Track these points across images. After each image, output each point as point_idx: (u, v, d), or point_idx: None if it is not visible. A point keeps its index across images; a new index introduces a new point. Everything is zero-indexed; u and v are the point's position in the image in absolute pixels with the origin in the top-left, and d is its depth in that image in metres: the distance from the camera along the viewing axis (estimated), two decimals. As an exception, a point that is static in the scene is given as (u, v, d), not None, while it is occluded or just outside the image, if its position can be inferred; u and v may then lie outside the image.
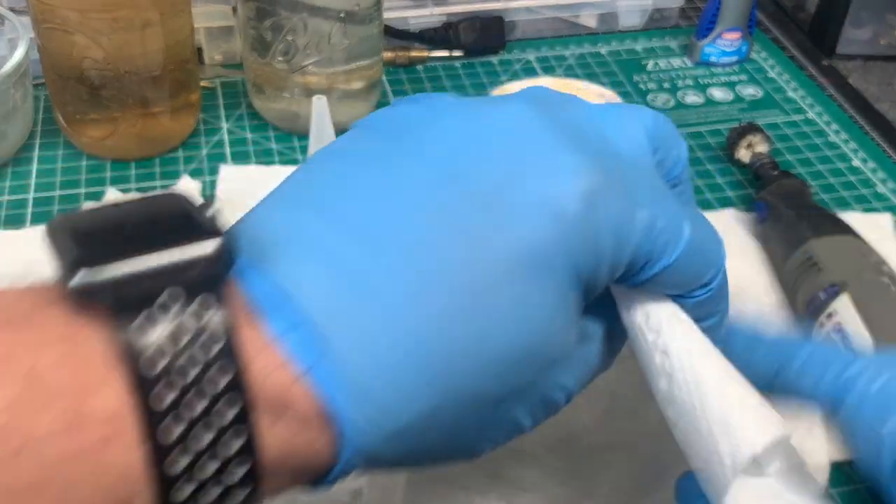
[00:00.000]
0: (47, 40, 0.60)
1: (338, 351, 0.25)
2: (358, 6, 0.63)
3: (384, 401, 0.25)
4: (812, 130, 0.73)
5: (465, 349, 0.26)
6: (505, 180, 0.27)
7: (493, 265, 0.26)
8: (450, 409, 0.27)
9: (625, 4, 0.83)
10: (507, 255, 0.26)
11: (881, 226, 0.63)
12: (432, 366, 0.26)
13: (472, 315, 0.26)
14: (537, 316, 0.27)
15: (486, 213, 0.27)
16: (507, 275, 0.26)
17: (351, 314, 0.25)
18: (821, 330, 0.50)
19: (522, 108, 0.29)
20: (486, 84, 0.76)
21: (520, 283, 0.27)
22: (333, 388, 0.25)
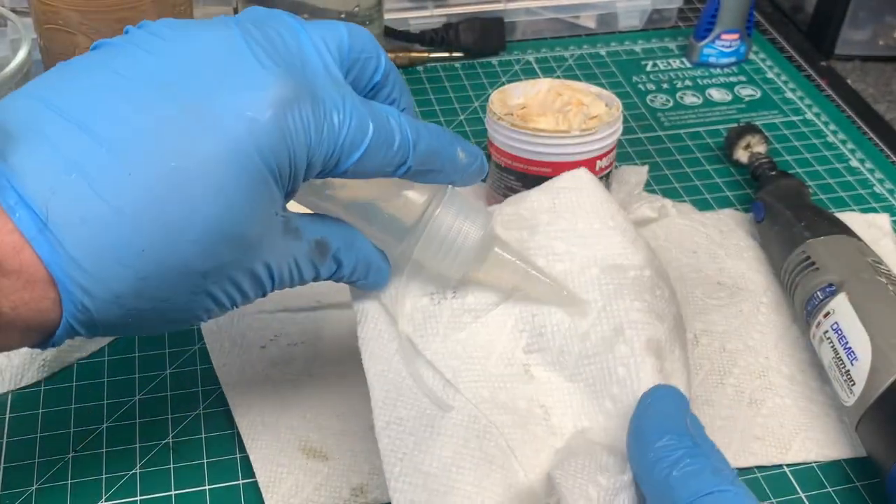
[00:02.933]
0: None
1: (55, 226, 0.31)
2: (358, 7, 0.63)
3: (97, 270, 0.31)
4: (810, 131, 0.73)
5: (171, 227, 0.32)
6: (210, 90, 0.33)
7: (196, 159, 0.32)
8: (159, 279, 0.32)
9: (624, 5, 0.83)
10: (208, 151, 0.32)
11: (879, 226, 0.63)
12: (141, 241, 0.31)
13: (177, 199, 0.32)
14: (235, 204, 0.33)
15: (192, 116, 0.32)
16: (209, 167, 0.32)
17: (68, 196, 0.31)
18: (818, 329, 0.51)
19: (229, 30, 0.34)
20: (487, 85, 0.76)
21: (219, 175, 0.32)
22: (52, 256, 0.31)
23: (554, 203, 0.43)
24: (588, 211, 0.42)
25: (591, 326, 0.40)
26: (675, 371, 0.40)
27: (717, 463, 0.34)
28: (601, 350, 0.39)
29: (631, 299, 0.40)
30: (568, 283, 0.41)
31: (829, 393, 0.52)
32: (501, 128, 0.57)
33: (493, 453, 0.37)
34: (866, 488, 0.47)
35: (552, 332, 0.40)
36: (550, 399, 0.39)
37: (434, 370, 0.39)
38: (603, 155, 0.57)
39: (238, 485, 0.46)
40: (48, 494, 0.45)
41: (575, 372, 0.39)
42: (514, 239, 0.42)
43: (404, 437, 0.37)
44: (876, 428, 0.46)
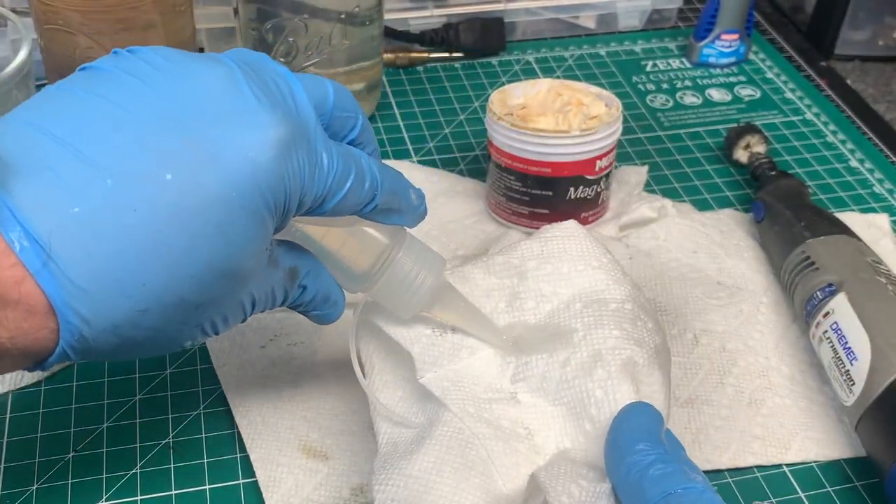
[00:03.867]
0: (50, 41, 0.60)
1: (59, 259, 0.31)
2: (358, 7, 0.63)
3: (99, 303, 0.32)
4: (810, 131, 0.73)
5: (173, 262, 0.32)
6: (212, 128, 0.33)
7: (199, 196, 0.32)
8: (156, 311, 0.33)
9: (624, 6, 0.84)
10: (210, 188, 0.32)
11: (878, 226, 0.63)
12: (143, 275, 0.32)
13: (179, 235, 0.32)
14: (234, 241, 0.34)
15: (195, 153, 0.32)
16: (211, 204, 0.33)
17: (73, 230, 0.31)
18: (817, 329, 0.51)
19: (229, 69, 0.35)
20: (487, 85, 0.76)
21: (221, 212, 0.33)
22: (55, 289, 0.31)
23: (542, 250, 0.46)
24: (574, 255, 0.45)
25: (570, 354, 0.42)
26: (653, 394, 0.41)
27: (689, 469, 0.35)
28: (580, 375, 0.41)
29: (610, 328, 0.43)
30: (554, 320, 0.44)
31: (828, 393, 0.52)
32: (501, 128, 0.57)
33: (474, 461, 0.39)
34: (866, 488, 0.47)
35: (535, 360, 0.43)
36: (535, 422, 0.42)
37: (430, 402, 0.42)
38: (603, 155, 0.57)
39: (238, 485, 0.46)
40: (48, 494, 0.45)
41: (556, 397, 0.42)
42: (506, 286, 0.45)
43: (396, 453, 0.40)
44: (875, 428, 0.46)
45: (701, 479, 0.35)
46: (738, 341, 0.54)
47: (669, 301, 0.56)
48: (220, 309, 0.36)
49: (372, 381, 0.43)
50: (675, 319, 0.55)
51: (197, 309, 0.34)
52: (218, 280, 0.34)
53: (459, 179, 0.66)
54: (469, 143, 0.70)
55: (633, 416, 0.38)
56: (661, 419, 0.38)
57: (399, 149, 0.69)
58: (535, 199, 0.58)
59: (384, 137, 0.70)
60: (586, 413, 0.40)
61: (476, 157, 0.69)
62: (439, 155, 0.69)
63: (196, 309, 0.34)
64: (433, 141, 0.70)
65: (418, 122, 0.72)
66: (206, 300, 0.34)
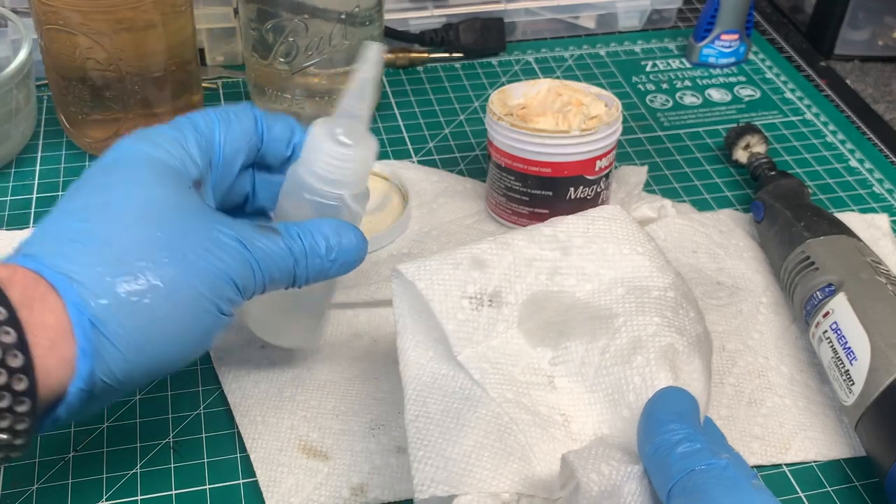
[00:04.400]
0: (50, 41, 0.60)
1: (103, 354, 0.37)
2: (358, 8, 0.63)
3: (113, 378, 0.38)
4: (809, 131, 0.74)
5: (164, 352, 0.39)
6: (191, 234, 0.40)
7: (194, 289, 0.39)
8: (146, 372, 0.39)
9: (623, 6, 0.84)
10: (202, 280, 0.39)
11: (878, 226, 0.63)
12: (147, 356, 0.38)
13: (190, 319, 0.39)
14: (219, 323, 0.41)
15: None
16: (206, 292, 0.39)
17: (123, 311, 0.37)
18: (817, 329, 0.51)
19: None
20: (487, 85, 0.76)
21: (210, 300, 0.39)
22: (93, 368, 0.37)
23: (588, 228, 0.45)
24: (619, 237, 0.45)
25: (610, 340, 0.42)
26: (692, 382, 0.41)
27: (718, 446, 0.35)
28: (618, 362, 0.41)
29: (651, 315, 0.42)
30: (595, 302, 0.43)
31: (828, 393, 0.52)
32: (501, 128, 0.57)
33: (513, 446, 0.39)
34: (865, 488, 0.48)
35: (575, 345, 0.43)
36: (571, 408, 0.42)
37: (465, 371, 0.42)
38: (603, 155, 0.58)
39: (238, 484, 0.46)
40: (49, 494, 0.45)
41: (595, 383, 0.42)
42: (548, 258, 0.44)
43: (431, 427, 0.40)
44: (875, 427, 0.46)
45: (728, 457, 0.35)
46: (738, 341, 0.54)
47: (669, 301, 0.56)
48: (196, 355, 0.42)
49: (403, 339, 0.43)
50: (674, 319, 0.55)
51: (180, 363, 0.41)
52: (205, 345, 0.41)
53: (459, 179, 0.66)
54: (469, 143, 0.70)
55: (666, 398, 0.38)
56: (695, 403, 0.38)
57: (399, 149, 0.69)
58: (535, 199, 0.59)
59: (384, 137, 0.70)
60: (624, 399, 0.40)
61: (476, 157, 0.69)
62: (439, 155, 0.69)
63: (179, 363, 0.41)
64: (433, 141, 0.70)
65: (418, 122, 0.72)
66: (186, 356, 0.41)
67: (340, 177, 0.44)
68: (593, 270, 0.44)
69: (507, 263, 0.44)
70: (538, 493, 0.39)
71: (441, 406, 0.41)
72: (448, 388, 0.42)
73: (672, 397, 0.38)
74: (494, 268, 0.43)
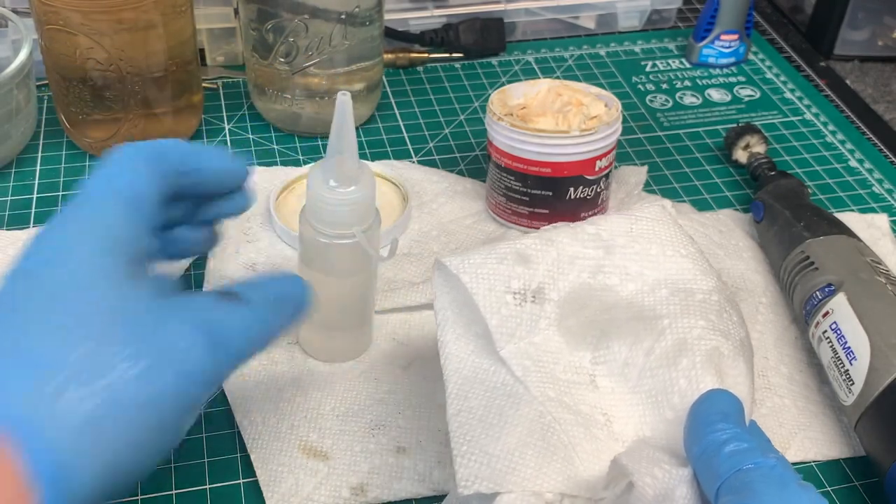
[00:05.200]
0: (50, 42, 0.60)
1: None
2: (358, 8, 0.63)
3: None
4: (809, 131, 0.74)
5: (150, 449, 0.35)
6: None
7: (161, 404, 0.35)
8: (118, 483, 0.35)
9: (623, 6, 0.84)
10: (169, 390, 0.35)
11: (877, 226, 0.63)
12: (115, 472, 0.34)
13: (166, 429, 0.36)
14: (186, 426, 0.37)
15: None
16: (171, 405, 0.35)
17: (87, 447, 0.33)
18: (817, 329, 0.51)
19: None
20: (487, 85, 0.77)
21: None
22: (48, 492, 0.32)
23: (632, 228, 0.45)
24: (663, 239, 0.45)
25: (655, 342, 0.42)
26: (737, 385, 0.41)
27: (765, 446, 0.36)
28: (664, 364, 0.41)
29: (696, 318, 0.42)
30: (638, 302, 0.43)
31: (827, 392, 0.52)
32: (501, 128, 0.57)
33: (556, 446, 0.39)
34: (865, 487, 0.48)
35: (619, 346, 0.42)
36: (613, 408, 0.41)
37: (506, 367, 0.42)
38: (602, 155, 0.58)
39: (238, 484, 0.46)
40: (49, 494, 0.45)
41: (638, 384, 0.42)
42: (591, 256, 0.44)
43: (473, 423, 0.40)
44: (875, 427, 0.46)
45: (776, 456, 0.35)
46: (738, 341, 0.54)
47: (669, 301, 0.56)
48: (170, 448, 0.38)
49: (444, 332, 0.43)
50: (674, 319, 0.55)
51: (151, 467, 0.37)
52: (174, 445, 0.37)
53: (459, 179, 0.66)
54: (469, 143, 0.70)
55: (713, 400, 0.38)
56: (740, 405, 0.38)
57: (399, 149, 0.69)
58: (535, 199, 0.59)
59: (384, 137, 0.70)
60: (668, 402, 0.40)
61: (476, 157, 0.69)
62: (439, 155, 0.69)
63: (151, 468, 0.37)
64: (433, 141, 0.70)
65: (418, 122, 0.72)
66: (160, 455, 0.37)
67: (347, 218, 0.46)
68: (637, 271, 0.44)
69: (551, 260, 0.43)
70: (581, 493, 0.39)
71: (483, 402, 0.41)
72: (490, 384, 0.41)
73: (718, 399, 0.38)
74: (538, 264, 0.43)
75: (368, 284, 0.50)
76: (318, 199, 0.46)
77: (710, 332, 0.42)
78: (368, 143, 0.69)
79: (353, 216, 0.46)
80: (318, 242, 0.47)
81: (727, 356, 0.41)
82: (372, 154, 0.68)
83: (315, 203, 0.46)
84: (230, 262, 0.58)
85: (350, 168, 0.45)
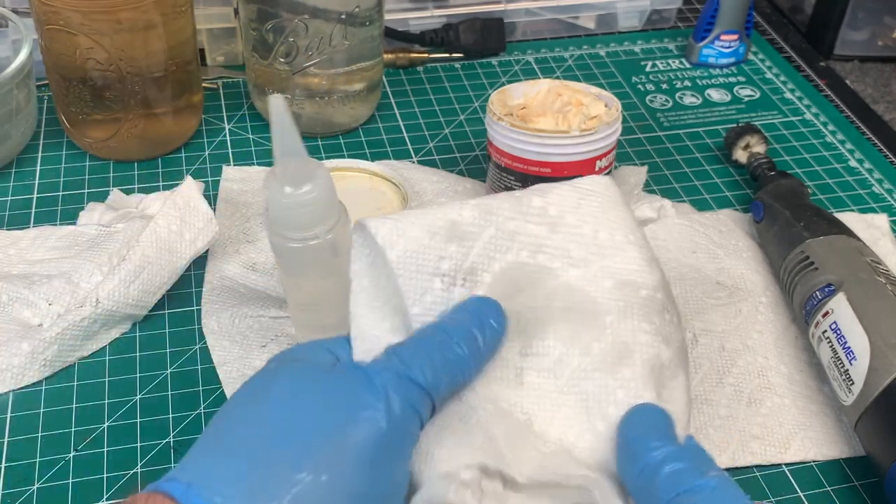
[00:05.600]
0: (50, 42, 0.60)
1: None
2: (358, 8, 0.63)
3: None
4: (809, 131, 0.74)
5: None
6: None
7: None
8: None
9: (623, 6, 0.84)
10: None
11: (877, 226, 0.63)
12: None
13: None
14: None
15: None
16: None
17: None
18: (817, 329, 0.51)
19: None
20: (487, 85, 0.77)
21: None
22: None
23: (580, 203, 0.42)
24: (612, 221, 0.41)
25: (594, 340, 0.39)
26: (675, 399, 0.39)
27: (704, 464, 0.34)
28: (602, 368, 0.39)
29: (639, 320, 0.40)
30: (579, 289, 0.40)
31: (827, 392, 0.52)
32: (501, 128, 0.57)
33: (475, 427, 0.37)
34: (865, 487, 0.48)
35: (553, 339, 0.39)
36: (536, 406, 0.39)
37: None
38: (602, 155, 0.58)
39: (239, 484, 0.46)
40: (49, 494, 0.45)
41: (570, 383, 0.39)
42: (534, 233, 0.41)
43: None
44: (874, 427, 0.46)
45: (717, 474, 0.34)
46: (738, 341, 0.54)
47: (669, 301, 0.56)
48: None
49: (357, 303, 0.40)
50: (674, 319, 0.55)
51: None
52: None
53: (459, 179, 0.66)
54: (469, 143, 0.70)
55: (644, 415, 0.37)
56: (669, 418, 0.37)
57: (399, 149, 0.69)
58: (535, 199, 0.58)
59: (384, 137, 0.70)
60: (601, 411, 0.38)
61: (476, 157, 0.69)
62: (439, 155, 0.69)
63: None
64: (433, 141, 0.70)
65: (418, 122, 0.72)
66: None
67: (310, 219, 0.45)
68: (581, 255, 0.40)
69: (488, 237, 0.40)
70: (502, 466, 0.36)
71: None
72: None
73: (650, 414, 0.37)
74: (473, 241, 0.40)
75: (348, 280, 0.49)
76: (278, 206, 0.44)
77: (652, 339, 0.39)
78: (368, 143, 0.69)
79: (315, 215, 0.45)
80: (291, 248, 0.46)
81: (667, 366, 0.39)
82: (372, 154, 0.68)
83: (276, 210, 0.45)
84: (230, 262, 0.58)
85: (299, 168, 0.44)
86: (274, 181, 0.44)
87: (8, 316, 0.52)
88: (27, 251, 0.57)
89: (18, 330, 0.51)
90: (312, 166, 0.44)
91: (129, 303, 0.53)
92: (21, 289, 0.53)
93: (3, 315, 0.52)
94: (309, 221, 0.45)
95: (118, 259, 0.53)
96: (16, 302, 0.53)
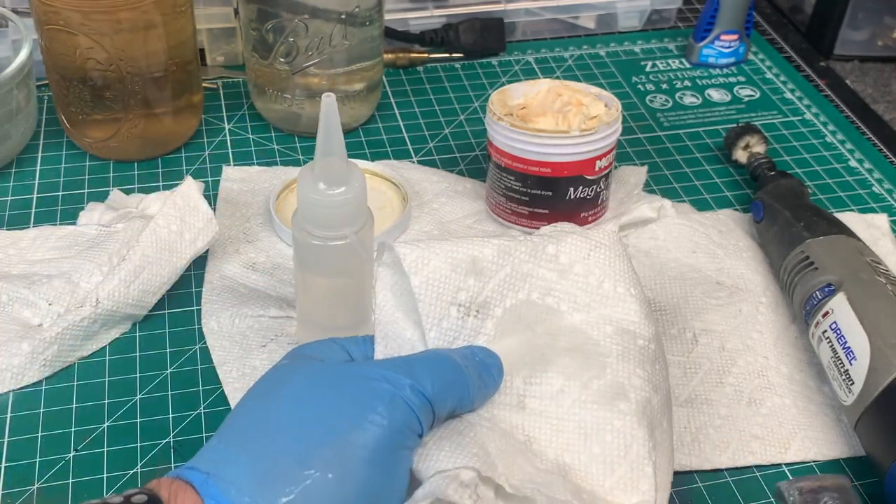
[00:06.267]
0: (50, 42, 0.60)
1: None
2: (358, 8, 0.63)
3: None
4: (809, 131, 0.74)
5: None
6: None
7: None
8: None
9: (623, 6, 0.84)
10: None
11: (877, 226, 0.63)
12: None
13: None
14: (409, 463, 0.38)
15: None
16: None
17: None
18: (817, 329, 0.51)
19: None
20: (487, 85, 0.77)
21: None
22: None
23: (589, 254, 0.45)
24: (616, 273, 0.45)
25: (594, 377, 0.42)
26: (661, 442, 0.42)
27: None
28: (600, 402, 0.41)
29: (635, 365, 0.43)
30: (583, 332, 0.43)
31: (827, 392, 0.52)
32: (501, 128, 0.57)
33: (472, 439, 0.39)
34: (865, 487, 0.48)
35: (555, 373, 0.42)
36: (537, 430, 0.41)
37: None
38: (602, 155, 0.58)
39: (239, 484, 0.46)
40: (49, 494, 0.45)
41: (570, 412, 0.41)
42: (544, 278, 0.44)
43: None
44: (874, 427, 0.46)
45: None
46: (738, 341, 0.54)
47: (668, 301, 0.56)
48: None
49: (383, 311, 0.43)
50: (674, 319, 0.55)
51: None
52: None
53: (459, 179, 0.66)
54: (469, 143, 0.70)
55: None
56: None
57: (399, 149, 0.69)
58: (535, 199, 0.59)
59: (384, 137, 0.70)
60: (598, 437, 0.40)
61: (476, 157, 0.69)
62: (439, 155, 0.69)
63: None
64: (433, 141, 0.70)
65: (418, 122, 0.72)
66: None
67: (339, 220, 0.46)
68: (586, 302, 0.44)
69: (504, 275, 0.44)
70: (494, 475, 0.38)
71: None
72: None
73: None
74: (490, 278, 0.43)
75: (365, 284, 0.50)
76: (309, 202, 0.45)
77: (645, 383, 0.42)
78: (368, 143, 0.69)
79: (344, 217, 0.46)
80: (312, 245, 0.47)
81: (657, 411, 0.42)
82: (372, 154, 0.68)
83: (306, 206, 0.46)
84: (230, 262, 0.58)
85: (339, 169, 0.45)
86: (310, 177, 0.45)
87: (8, 316, 0.52)
88: (27, 251, 0.57)
89: (18, 330, 0.51)
90: (351, 169, 0.45)
91: (129, 303, 0.53)
92: (21, 289, 0.53)
93: (3, 315, 0.52)
94: (336, 222, 0.46)
95: (118, 259, 0.53)
96: (16, 302, 0.53)
